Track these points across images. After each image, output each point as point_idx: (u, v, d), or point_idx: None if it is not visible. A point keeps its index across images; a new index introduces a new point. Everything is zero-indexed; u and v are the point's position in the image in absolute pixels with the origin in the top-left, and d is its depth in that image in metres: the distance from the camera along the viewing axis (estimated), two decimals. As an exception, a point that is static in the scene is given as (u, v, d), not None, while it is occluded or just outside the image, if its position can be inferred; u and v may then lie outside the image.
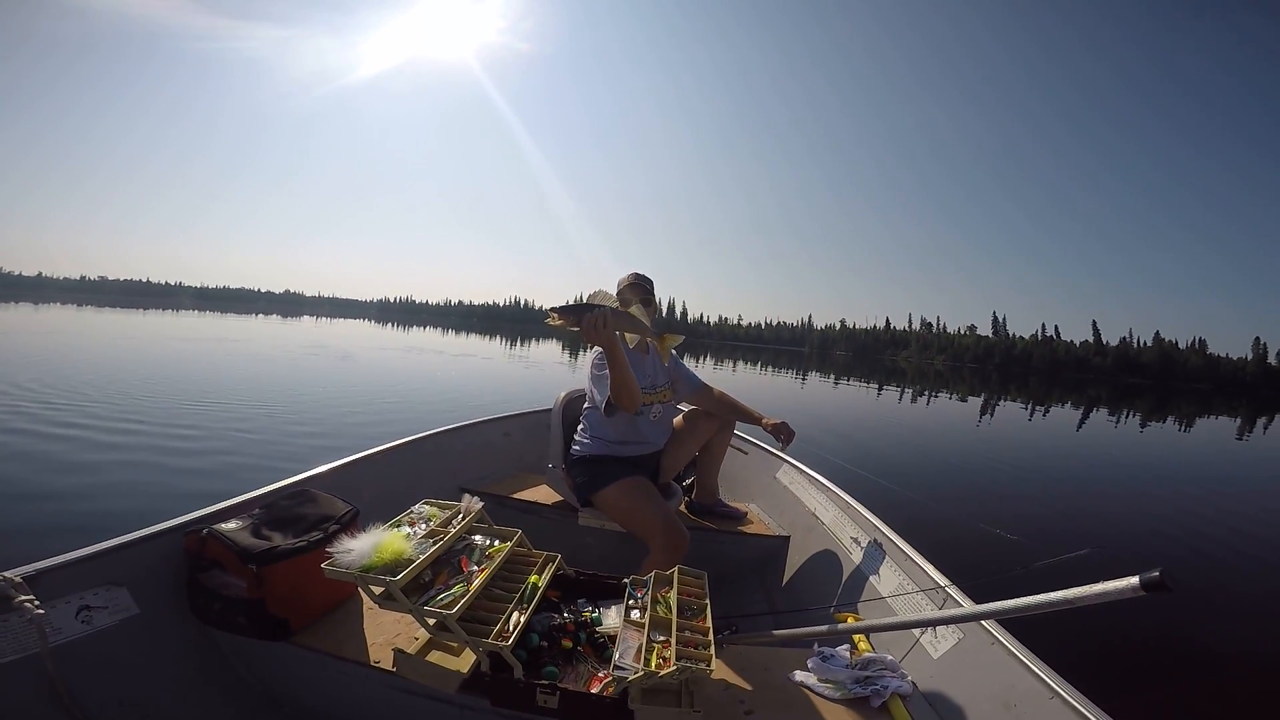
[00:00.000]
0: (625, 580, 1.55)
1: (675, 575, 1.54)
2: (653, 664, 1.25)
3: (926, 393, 21.52)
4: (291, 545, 1.49)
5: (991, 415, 15.19)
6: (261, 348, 16.03)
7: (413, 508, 1.54)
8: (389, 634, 1.52)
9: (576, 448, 2.27)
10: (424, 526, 1.43)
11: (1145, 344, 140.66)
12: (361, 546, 1.29)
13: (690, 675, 1.25)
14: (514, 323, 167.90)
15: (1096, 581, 0.93)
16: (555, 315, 1.70)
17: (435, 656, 1.40)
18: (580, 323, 1.68)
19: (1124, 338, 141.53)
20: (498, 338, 38.35)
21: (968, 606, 1.12)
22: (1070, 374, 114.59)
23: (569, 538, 2.36)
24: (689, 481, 2.62)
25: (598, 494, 2.16)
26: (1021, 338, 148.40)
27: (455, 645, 1.38)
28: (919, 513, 4.96)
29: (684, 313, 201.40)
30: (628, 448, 2.24)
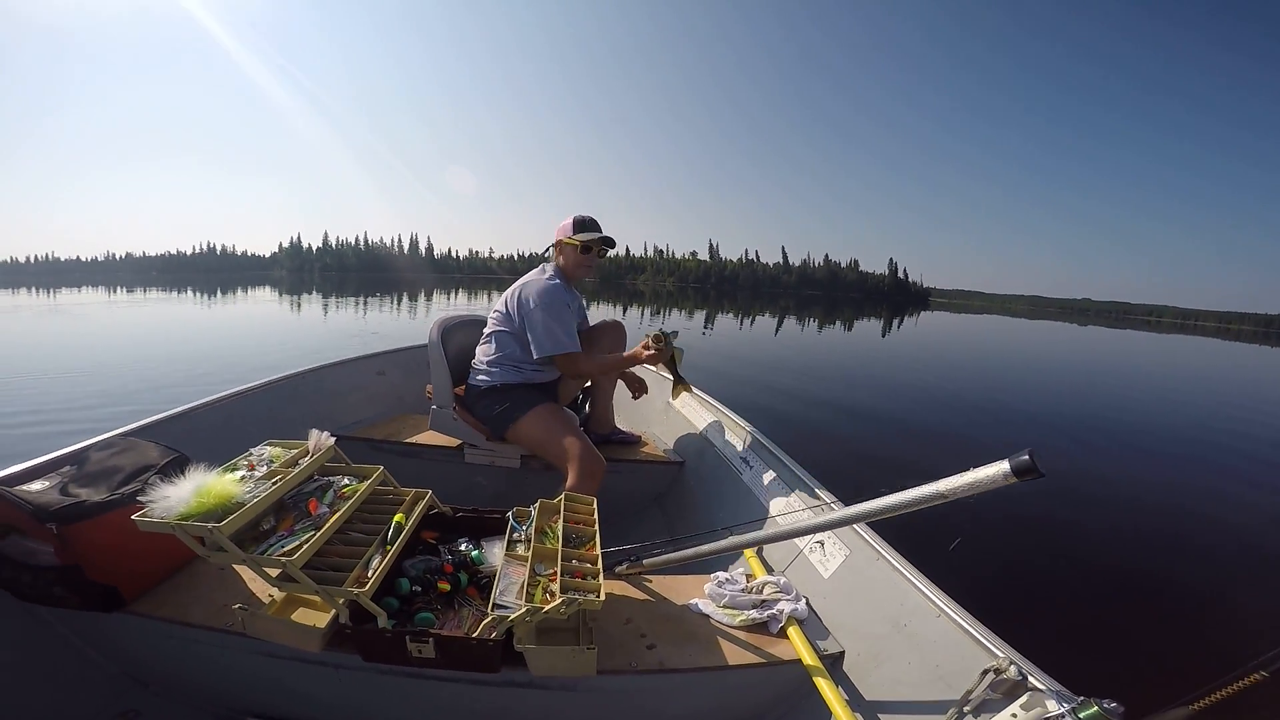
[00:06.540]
0: (509, 513, 1.42)
1: (562, 502, 1.43)
2: (538, 599, 1.13)
3: (661, 311, 25.30)
4: (103, 499, 1.24)
5: (712, 326, 18.31)
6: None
7: (252, 449, 1.32)
8: (246, 594, 1.33)
9: (485, 377, 2.11)
10: (265, 469, 1.22)
11: (819, 264, 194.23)
12: (180, 492, 1.08)
13: (580, 609, 1.15)
14: (210, 272, 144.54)
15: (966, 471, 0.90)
16: (658, 338, 2.00)
17: (298, 614, 1.23)
18: (664, 347, 2.01)
19: (804, 259, 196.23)
20: (189, 290, 30.65)
21: (843, 510, 1.09)
22: (766, 289, 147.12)
23: (458, 479, 2.22)
24: (585, 415, 2.53)
25: (515, 424, 2.06)
26: (731, 261, 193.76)
27: (319, 600, 1.22)
28: (812, 439, 5.24)
29: (429, 247, 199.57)
30: (543, 374, 2.15)
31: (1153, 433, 6.99)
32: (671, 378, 2.19)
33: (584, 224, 2.13)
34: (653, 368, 2.51)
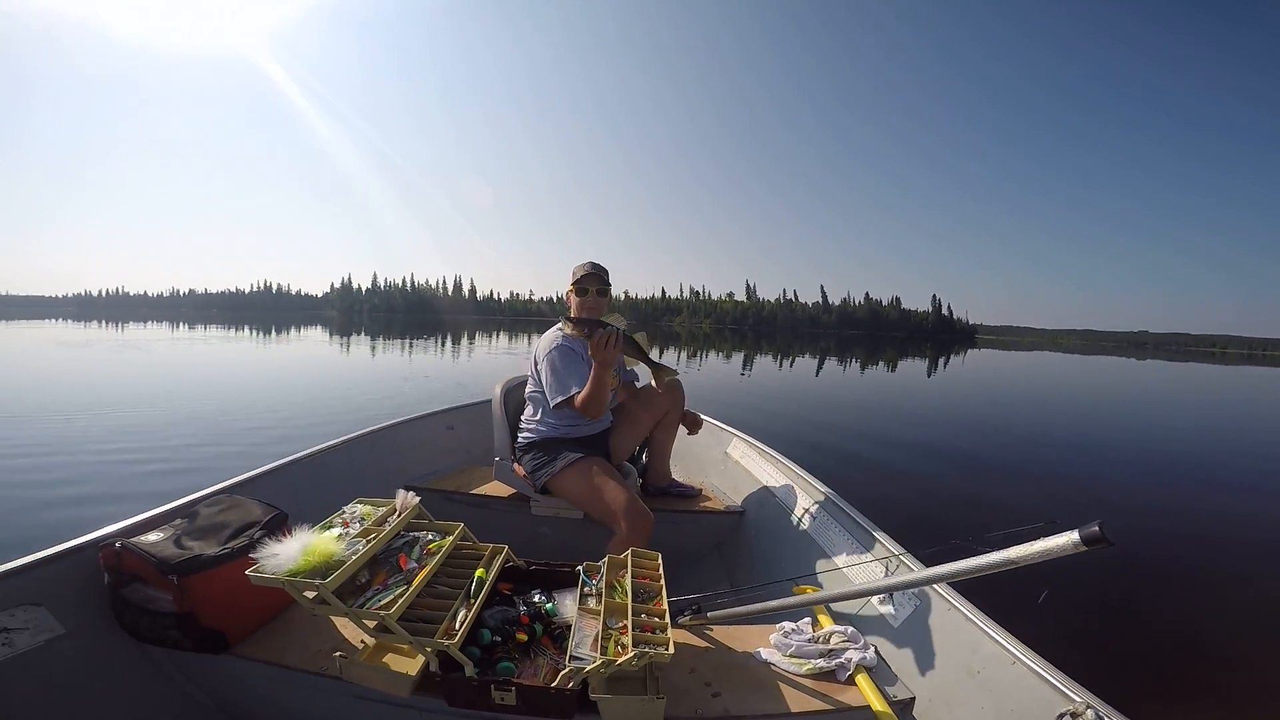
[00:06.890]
0: (579, 567, 1.50)
1: (629, 558, 1.49)
2: (610, 651, 1.19)
3: (699, 354, 24.54)
4: (215, 553, 1.38)
5: (751, 368, 17.87)
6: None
7: (345, 508, 1.45)
8: (337, 639, 1.44)
9: (526, 434, 2.18)
10: (358, 526, 1.34)
11: (859, 303, 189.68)
12: (288, 550, 1.20)
13: (650, 661, 1.20)
14: (265, 311, 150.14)
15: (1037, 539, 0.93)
16: (569, 325, 1.80)
17: (388, 659, 1.32)
18: (591, 336, 1.79)
19: (844, 298, 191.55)
20: (246, 328, 32.65)
21: (918, 571, 1.12)
22: (806, 330, 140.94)
23: (524, 529, 2.29)
24: (642, 467, 2.56)
25: (555, 478, 2.09)
26: (769, 301, 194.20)
27: (407, 647, 1.31)
28: (865, 479, 5.09)
29: (472, 289, 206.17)
30: (579, 428, 2.18)
31: (1239, 470, 6.56)
32: (651, 369, 2.10)
33: (580, 269, 2.18)
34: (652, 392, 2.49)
